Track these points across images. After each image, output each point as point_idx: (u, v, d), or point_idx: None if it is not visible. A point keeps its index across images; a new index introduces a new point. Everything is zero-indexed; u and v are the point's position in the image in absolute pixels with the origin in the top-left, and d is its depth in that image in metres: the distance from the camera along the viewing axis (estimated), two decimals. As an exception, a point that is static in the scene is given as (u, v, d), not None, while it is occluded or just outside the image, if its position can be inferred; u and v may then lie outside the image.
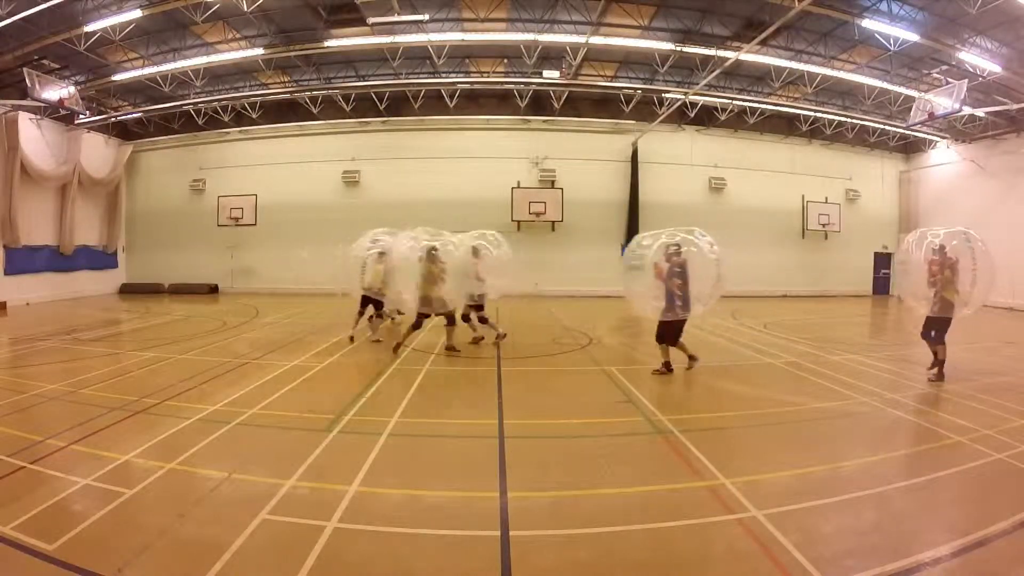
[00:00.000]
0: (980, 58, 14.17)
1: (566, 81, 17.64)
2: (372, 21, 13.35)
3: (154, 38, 15.21)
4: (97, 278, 20.29)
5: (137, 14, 12.87)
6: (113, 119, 19.25)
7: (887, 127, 20.33)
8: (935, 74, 15.69)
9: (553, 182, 20.38)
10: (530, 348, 9.95)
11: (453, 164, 20.19)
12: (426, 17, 13.72)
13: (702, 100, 18.93)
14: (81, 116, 17.52)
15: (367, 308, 10.09)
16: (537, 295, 18.98)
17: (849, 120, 19.91)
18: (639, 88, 18.14)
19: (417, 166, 20.32)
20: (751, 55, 14.56)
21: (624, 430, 5.52)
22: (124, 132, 20.98)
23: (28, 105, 15.82)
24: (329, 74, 18.42)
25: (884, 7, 13.07)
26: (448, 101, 18.98)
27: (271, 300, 18.15)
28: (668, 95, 18.16)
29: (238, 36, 15.32)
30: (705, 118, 20.14)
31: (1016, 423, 5.52)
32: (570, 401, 6.63)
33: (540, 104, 19.47)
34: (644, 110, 19.26)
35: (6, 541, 3.15)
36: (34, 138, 17.25)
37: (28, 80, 13.71)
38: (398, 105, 19.53)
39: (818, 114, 19.71)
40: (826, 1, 12.55)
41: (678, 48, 15.36)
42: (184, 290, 20.61)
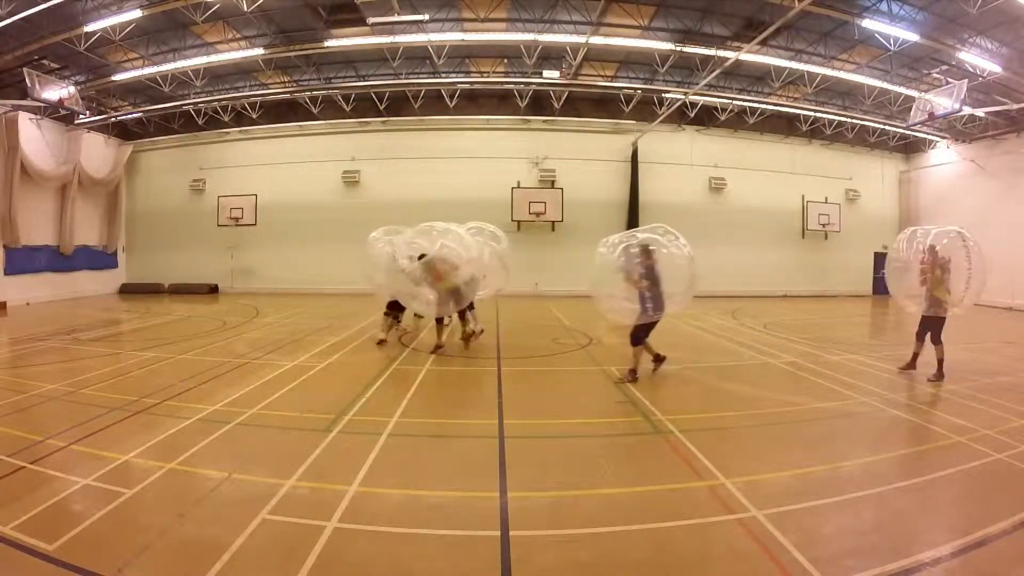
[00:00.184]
0: (980, 58, 14.17)
1: (566, 81, 17.64)
2: (372, 21, 13.35)
3: (154, 38, 15.21)
4: (97, 278, 20.28)
5: (137, 14, 12.87)
6: (113, 119, 19.24)
7: (887, 127, 20.33)
8: (935, 74, 15.69)
9: (553, 182, 20.38)
10: (530, 348, 9.95)
11: (453, 164, 20.19)
12: (426, 17, 13.73)
13: (702, 100, 18.92)
14: (81, 116, 17.50)
15: (394, 312, 9.88)
16: (537, 295, 19.00)
17: (849, 120, 19.90)
18: (639, 88, 18.14)
19: (417, 166, 20.32)
20: (751, 55, 14.56)
21: (624, 430, 5.53)
22: (124, 132, 20.98)
23: (28, 105, 15.82)
24: (329, 74, 18.42)
25: (884, 7, 13.07)
26: (448, 101, 18.98)
27: (271, 300, 18.13)
28: (668, 95, 18.15)
29: (238, 36, 15.32)
30: (705, 118, 20.14)
31: (1016, 423, 5.52)
32: (570, 401, 6.63)
33: (540, 104, 19.47)
34: (644, 110, 19.26)
35: (6, 541, 3.15)
36: (34, 138, 17.25)
37: (28, 80, 13.71)
38: (398, 105, 19.53)
39: (818, 114, 19.71)
40: (826, 1, 12.55)
41: (678, 48, 15.35)
42: (184, 290, 20.61)
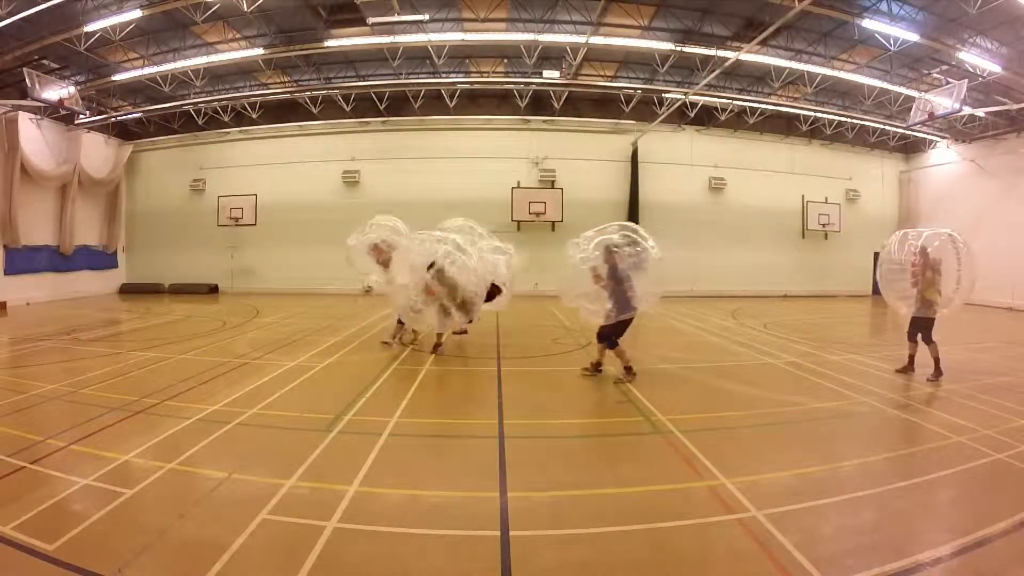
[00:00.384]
0: (980, 58, 14.18)
1: (566, 81, 17.65)
2: (372, 21, 13.36)
3: (154, 38, 15.22)
4: (97, 278, 20.29)
5: (137, 14, 12.88)
6: (113, 119, 19.24)
7: (887, 127, 20.33)
8: (935, 74, 15.70)
9: (553, 182, 20.39)
10: (530, 348, 9.95)
11: (453, 164, 20.19)
12: (426, 17, 13.74)
13: (702, 100, 18.93)
14: (81, 116, 17.51)
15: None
16: (537, 295, 18.99)
17: (849, 120, 19.91)
18: (639, 88, 18.14)
19: (417, 166, 20.33)
20: (751, 55, 14.56)
21: (624, 430, 5.53)
22: (124, 132, 20.98)
23: (28, 105, 15.82)
24: (329, 74, 18.43)
25: (884, 7, 13.08)
26: (448, 101, 18.98)
27: (271, 300, 18.13)
28: (668, 95, 18.16)
29: (238, 36, 15.33)
30: (705, 118, 20.15)
31: (1016, 423, 5.53)
32: (570, 401, 6.63)
33: (540, 104, 19.47)
34: (644, 110, 19.26)
35: (6, 541, 3.15)
36: (34, 138, 17.26)
37: (28, 80, 13.71)
38: (398, 105, 19.54)
39: (818, 114, 19.72)
40: (826, 1, 12.56)
41: (678, 48, 15.37)
42: (184, 290, 20.61)
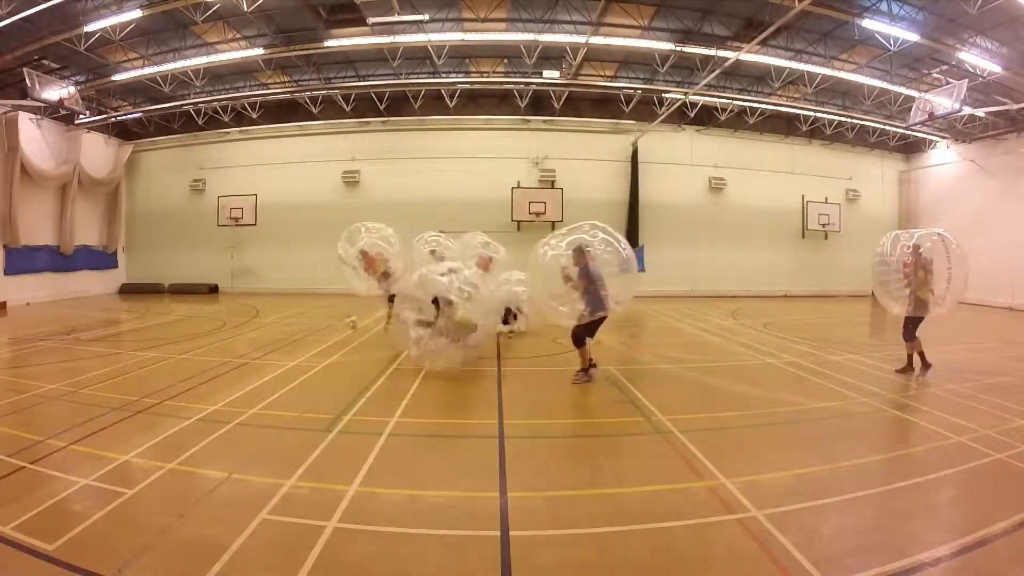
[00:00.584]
0: (980, 58, 14.16)
1: (566, 81, 17.64)
2: (372, 21, 13.36)
3: (154, 38, 15.20)
4: (97, 278, 20.28)
5: (137, 14, 12.87)
6: (113, 119, 19.24)
7: (887, 127, 20.32)
8: (935, 74, 15.68)
9: (553, 182, 20.37)
10: (530, 348, 9.94)
11: (453, 164, 20.19)
12: (426, 17, 13.73)
13: (702, 100, 18.91)
14: (81, 116, 17.51)
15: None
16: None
17: (849, 120, 19.89)
18: (639, 88, 18.14)
19: (417, 166, 20.32)
20: (751, 55, 14.55)
21: (624, 430, 5.52)
22: (124, 132, 20.98)
23: (28, 105, 15.81)
24: (329, 74, 18.42)
25: (884, 7, 13.07)
26: (448, 101, 18.98)
27: (271, 300, 18.13)
28: (668, 95, 18.15)
29: (238, 36, 15.32)
30: (705, 118, 20.13)
31: (1016, 423, 5.53)
32: (570, 401, 6.63)
33: (540, 104, 19.46)
34: (644, 110, 19.25)
35: (6, 541, 3.15)
36: (34, 138, 17.25)
37: (28, 80, 13.71)
38: (398, 105, 19.53)
39: (818, 114, 19.70)
40: (826, 1, 12.55)
41: (678, 48, 15.36)
42: (184, 290, 20.60)
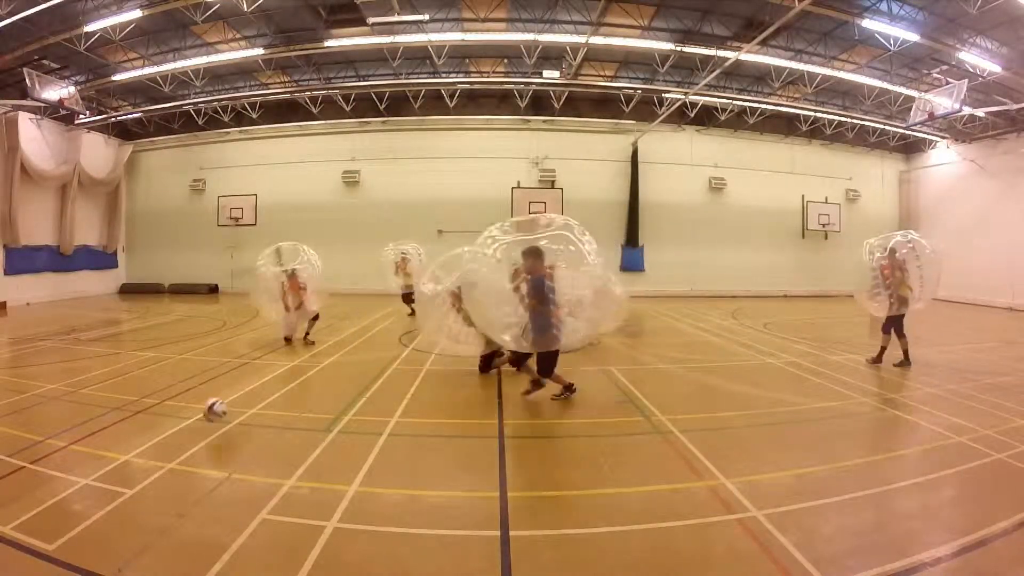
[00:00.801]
0: (980, 58, 14.16)
1: (566, 81, 17.64)
2: (372, 21, 13.35)
3: (154, 38, 15.20)
4: (97, 278, 20.28)
5: (137, 14, 12.87)
6: (113, 119, 19.24)
7: (887, 127, 20.31)
8: (935, 74, 15.68)
9: (553, 182, 20.36)
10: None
11: (453, 164, 20.18)
12: (426, 17, 13.72)
13: (702, 100, 18.91)
14: (81, 116, 17.51)
15: None
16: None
17: (849, 120, 19.89)
18: (639, 88, 18.13)
19: (417, 166, 20.32)
20: (751, 55, 14.55)
21: (624, 430, 5.52)
22: (124, 132, 20.98)
23: (28, 105, 15.82)
24: (329, 74, 18.41)
25: (884, 7, 13.07)
26: (448, 101, 18.97)
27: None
28: (668, 95, 18.15)
29: (238, 36, 15.31)
30: (705, 118, 20.13)
31: (1016, 423, 5.52)
32: (570, 401, 6.62)
33: (540, 104, 19.46)
34: (644, 110, 19.25)
35: (6, 541, 3.15)
36: (34, 138, 17.25)
37: (28, 80, 13.71)
38: (398, 105, 19.53)
39: (818, 114, 19.70)
40: (826, 1, 12.54)
41: (678, 48, 15.35)
42: (184, 290, 20.60)
